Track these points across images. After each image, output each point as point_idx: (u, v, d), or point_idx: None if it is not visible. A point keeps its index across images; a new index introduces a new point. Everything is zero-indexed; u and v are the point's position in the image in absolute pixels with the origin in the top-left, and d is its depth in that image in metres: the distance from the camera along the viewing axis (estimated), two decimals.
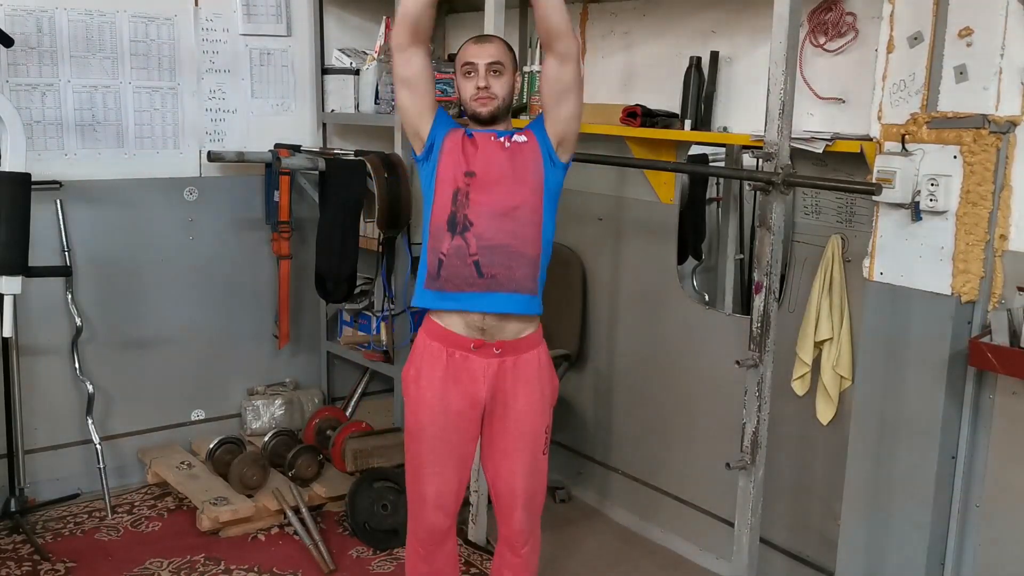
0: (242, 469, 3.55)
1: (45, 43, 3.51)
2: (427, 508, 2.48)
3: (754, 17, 3.01)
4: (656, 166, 3.36)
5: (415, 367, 2.44)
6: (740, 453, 2.38)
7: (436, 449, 2.42)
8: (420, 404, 2.42)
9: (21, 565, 3.19)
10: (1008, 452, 2.27)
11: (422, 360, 2.42)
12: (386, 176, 3.58)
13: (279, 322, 3.99)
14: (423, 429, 2.42)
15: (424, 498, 2.47)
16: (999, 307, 2.22)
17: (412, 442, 2.47)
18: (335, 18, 4.16)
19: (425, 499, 2.47)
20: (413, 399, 2.44)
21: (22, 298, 3.30)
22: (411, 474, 2.49)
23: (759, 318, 2.34)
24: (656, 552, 3.49)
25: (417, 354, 2.44)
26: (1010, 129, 2.17)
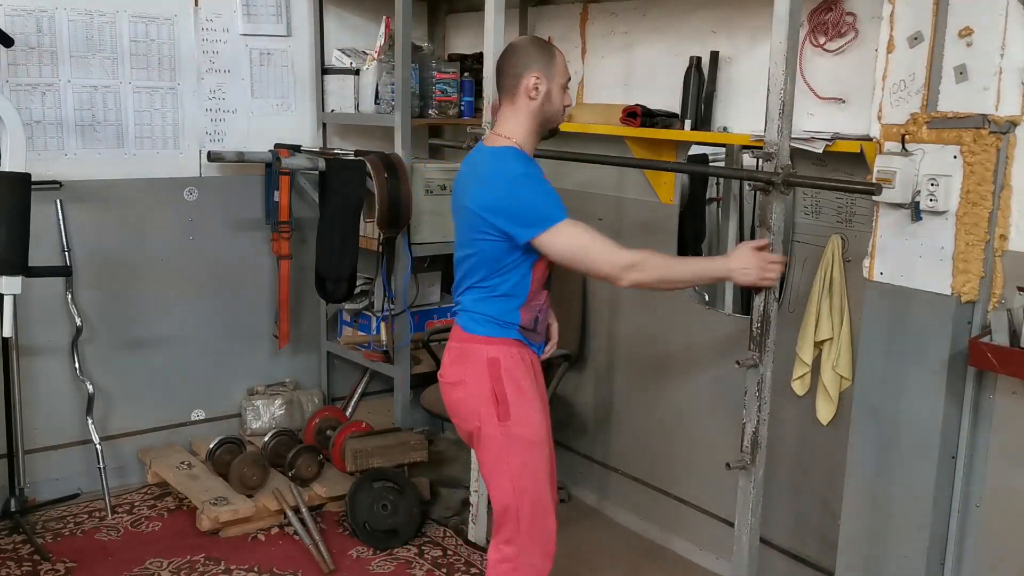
0: (242, 469, 3.55)
1: (45, 43, 3.51)
2: (552, 516, 2.46)
3: (754, 17, 3.01)
4: (656, 166, 3.36)
5: (513, 376, 2.36)
6: (740, 453, 2.38)
7: (549, 454, 2.46)
8: (535, 410, 2.40)
9: (21, 565, 3.19)
10: (1008, 452, 2.27)
11: (517, 367, 2.37)
12: (386, 176, 3.58)
13: (279, 322, 3.99)
14: (545, 435, 2.43)
15: (549, 507, 2.45)
16: (999, 307, 2.22)
17: (536, 451, 2.41)
18: (335, 18, 4.16)
19: (549, 507, 2.45)
20: (527, 407, 2.38)
21: (22, 298, 3.30)
22: (538, 484, 2.42)
23: (759, 318, 2.34)
24: (656, 552, 3.49)
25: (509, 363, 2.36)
26: (1010, 129, 2.17)
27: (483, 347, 2.36)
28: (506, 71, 2.37)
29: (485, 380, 2.35)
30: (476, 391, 2.36)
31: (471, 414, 2.40)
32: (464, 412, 2.42)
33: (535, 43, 2.41)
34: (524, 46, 2.39)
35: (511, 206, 2.24)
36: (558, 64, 2.37)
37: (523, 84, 2.32)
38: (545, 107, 2.35)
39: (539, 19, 3.87)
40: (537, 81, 2.32)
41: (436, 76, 3.92)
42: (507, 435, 2.36)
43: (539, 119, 2.36)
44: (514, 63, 2.35)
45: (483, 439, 2.40)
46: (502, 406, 2.34)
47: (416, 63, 3.82)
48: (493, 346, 2.35)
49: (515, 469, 2.38)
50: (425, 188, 3.82)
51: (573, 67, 3.73)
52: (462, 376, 2.39)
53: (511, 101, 2.36)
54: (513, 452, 2.37)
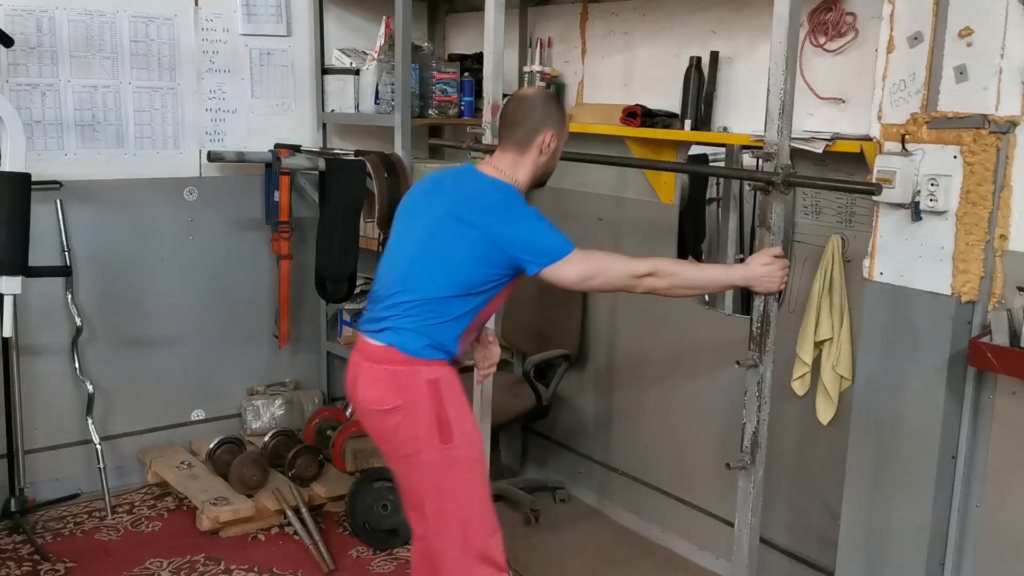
0: (242, 469, 3.55)
1: (45, 43, 3.51)
2: (498, 534, 2.39)
3: (754, 17, 3.01)
4: (656, 166, 3.36)
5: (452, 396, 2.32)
6: (740, 453, 2.37)
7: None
8: (475, 428, 2.38)
9: (21, 565, 3.19)
10: (1008, 452, 2.27)
11: (455, 387, 2.34)
12: (386, 176, 3.58)
13: (279, 322, 3.99)
14: (481, 451, 2.40)
15: (495, 525, 2.39)
16: (999, 307, 2.22)
17: (480, 468, 2.38)
18: (335, 18, 4.16)
19: (496, 526, 2.39)
20: (469, 425, 2.35)
21: (22, 298, 3.30)
22: (484, 504, 2.38)
23: (759, 318, 2.33)
24: (656, 552, 3.49)
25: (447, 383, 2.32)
26: (1010, 129, 2.17)
27: (422, 368, 2.27)
28: (520, 122, 2.35)
29: (426, 402, 2.27)
30: (415, 415, 2.28)
31: (406, 440, 2.31)
32: (399, 438, 2.33)
33: (552, 99, 2.44)
34: (543, 101, 2.38)
35: (532, 239, 2.24)
36: (567, 123, 2.42)
37: (539, 139, 2.34)
38: (549, 162, 2.39)
39: (539, 19, 3.87)
40: (552, 138, 2.35)
41: (436, 76, 3.92)
42: (451, 457, 2.30)
43: (540, 171, 2.40)
44: (532, 116, 2.34)
45: (421, 464, 2.32)
46: (444, 427, 2.27)
47: (416, 63, 3.81)
48: (431, 367, 2.28)
49: (458, 490, 2.33)
50: None
51: (573, 67, 3.74)
52: (398, 401, 2.28)
53: (520, 151, 2.35)
54: (457, 473, 2.31)
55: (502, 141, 2.40)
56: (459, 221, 2.27)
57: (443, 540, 2.36)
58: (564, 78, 3.78)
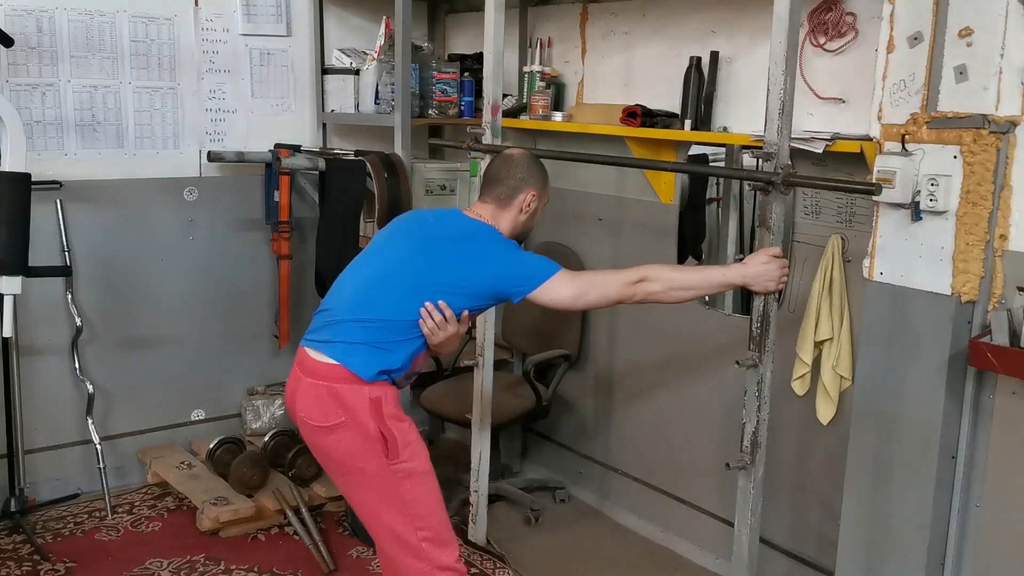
0: (242, 469, 3.55)
1: (45, 43, 3.51)
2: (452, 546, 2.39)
3: (754, 17, 3.01)
4: (656, 166, 3.36)
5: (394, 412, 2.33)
6: (740, 453, 2.37)
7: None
8: (420, 440, 2.39)
9: (21, 565, 3.19)
10: (1008, 452, 2.27)
11: (395, 402, 2.35)
12: (386, 176, 3.58)
13: (279, 322, 3.99)
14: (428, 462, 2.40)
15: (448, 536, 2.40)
16: (999, 307, 2.22)
17: (429, 478, 2.38)
18: (335, 18, 4.16)
19: (448, 537, 2.40)
20: (413, 438, 2.36)
21: (22, 298, 3.30)
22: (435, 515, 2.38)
23: (759, 318, 2.33)
24: (656, 552, 3.49)
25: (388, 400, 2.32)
26: (1010, 129, 2.17)
27: (365, 388, 2.28)
28: (504, 180, 2.44)
29: (369, 420, 2.27)
30: (357, 433, 2.28)
31: (349, 456, 2.32)
32: (341, 455, 2.34)
33: (535, 161, 2.51)
34: (526, 161, 2.48)
35: (513, 269, 2.31)
36: (548, 186, 2.51)
37: (520, 198, 2.43)
38: (528, 222, 2.47)
39: (539, 19, 3.87)
40: (533, 199, 2.44)
41: (436, 76, 3.92)
42: (397, 471, 2.30)
43: (519, 229, 2.46)
44: (516, 175, 2.43)
45: (366, 480, 2.33)
46: (391, 444, 2.29)
47: (416, 63, 3.81)
48: (374, 387, 2.29)
49: (410, 504, 2.33)
50: (425, 188, 3.83)
51: (573, 67, 3.74)
52: (340, 418, 2.28)
53: (501, 207, 2.44)
54: (405, 487, 2.32)
55: (484, 195, 2.48)
56: (440, 250, 2.34)
57: (395, 554, 2.37)
58: (564, 78, 3.79)
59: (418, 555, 2.34)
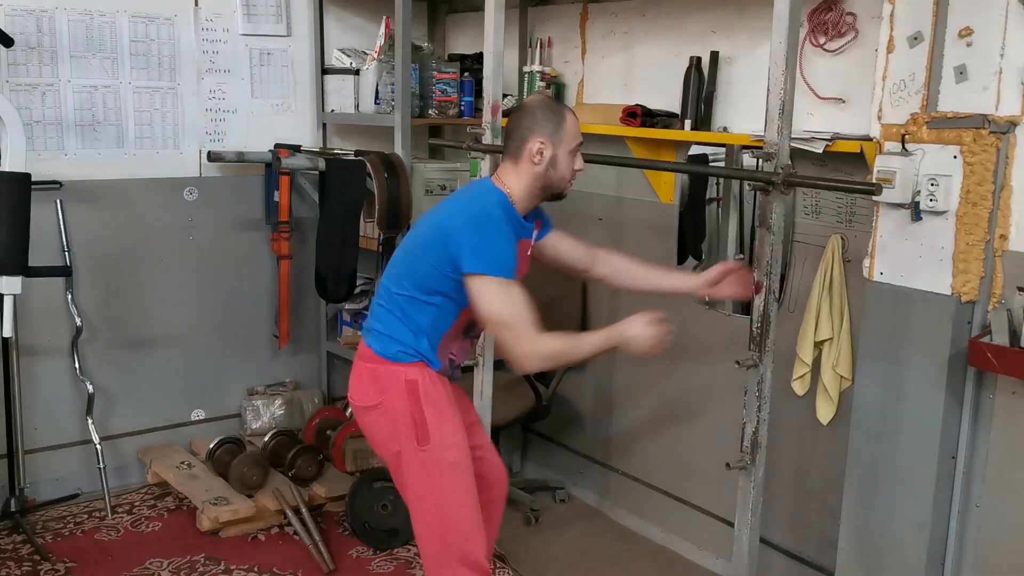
0: (242, 469, 3.55)
1: (45, 43, 3.51)
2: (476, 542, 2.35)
3: (754, 17, 3.01)
4: (656, 166, 3.35)
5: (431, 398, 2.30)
6: (740, 453, 2.37)
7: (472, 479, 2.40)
8: (456, 431, 2.35)
9: (21, 565, 3.19)
10: (1008, 452, 2.27)
11: (435, 389, 2.32)
12: (386, 176, 3.58)
13: (279, 322, 3.99)
14: (467, 459, 2.36)
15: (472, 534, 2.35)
16: (999, 307, 2.22)
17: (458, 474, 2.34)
18: (335, 18, 4.16)
19: (473, 534, 2.35)
20: (448, 429, 2.32)
21: (22, 298, 3.29)
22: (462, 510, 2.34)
23: (759, 318, 2.33)
24: (656, 552, 3.49)
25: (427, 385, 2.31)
26: (1010, 129, 2.17)
27: (400, 368, 2.29)
28: (512, 132, 2.32)
29: (403, 403, 2.29)
30: (393, 414, 2.30)
31: (388, 438, 2.33)
32: (381, 437, 2.36)
33: (546, 105, 2.35)
34: (533, 108, 2.33)
35: (472, 237, 2.19)
36: (568, 129, 2.31)
37: (527, 148, 2.28)
38: (549, 172, 2.31)
39: (539, 19, 3.87)
40: (542, 146, 2.28)
41: (436, 76, 3.92)
42: (427, 459, 2.30)
43: (541, 183, 2.32)
44: (520, 125, 2.30)
45: (402, 463, 2.33)
46: (421, 429, 2.28)
47: (416, 63, 3.81)
48: (410, 368, 2.29)
49: (436, 493, 2.32)
50: (425, 188, 3.83)
51: (573, 67, 3.74)
52: (377, 399, 2.31)
53: (514, 161, 2.31)
54: (433, 476, 2.31)
55: (503, 156, 2.39)
56: (429, 221, 2.32)
57: (423, 540, 2.38)
58: (564, 78, 3.79)
59: (442, 547, 2.34)
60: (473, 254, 2.17)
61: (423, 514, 2.35)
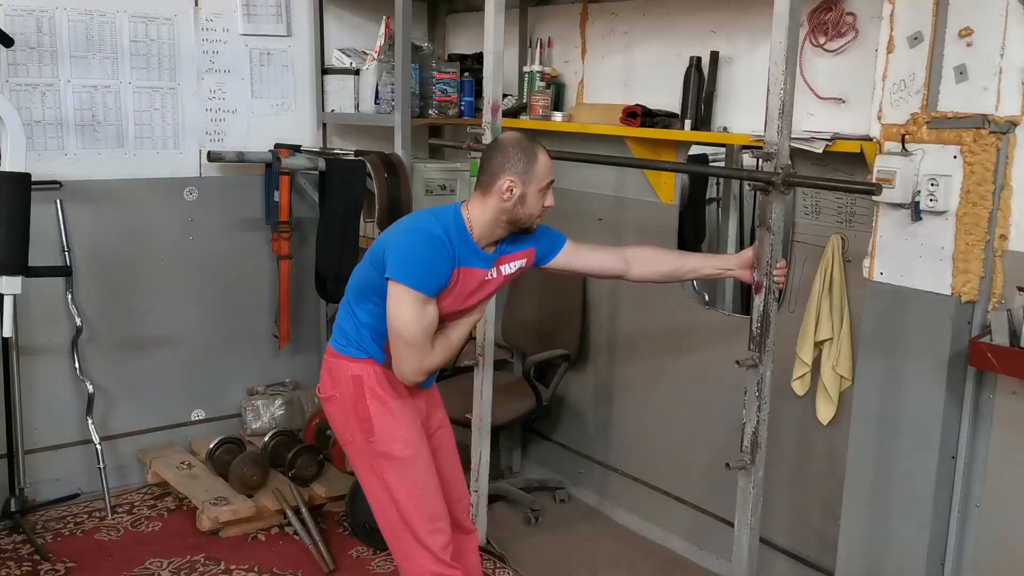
0: (242, 469, 3.55)
1: (45, 43, 3.51)
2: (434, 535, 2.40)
3: (754, 17, 3.01)
4: (656, 166, 3.36)
5: (376, 393, 2.36)
6: (740, 453, 2.37)
7: (430, 465, 2.45)
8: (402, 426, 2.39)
9: (21, 565, 3.19)
10: (1008, 452, 2.27)
11: (380, 385, 2.37)
12: (386, 176, 3.58)
13: (279, 322, 3.99)
14: (415, 451, 2.40)
15: (428, 526, 2.40)
16: (999, 307, 2.22)
17: (407, 467, 2.38)
18: (335, 18, 4.16)
19: (429, 526, 2.41)
20: (393, 423, 2.37)
21: (22, 298, 3.30)
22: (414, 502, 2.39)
23: (759, 318, 2.33)
24: (656, 552, 3.49)
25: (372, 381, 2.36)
26: (1010, 129, 2.17)
27: (348, 364, 2.38)
28: (485, 166, 2.36)
29: (351, 397, 2.37)
30: (344, 407, 2.39)
31: (343, 428, 2.43)
32: (337, 427, 2.46)
33: (520, 145, 2.35)
34: (507, 146, 2.34)
35: (403, 247, 2.25)
36: (539, 169, 2.33)
37: (497, 184, 2.31)
38: (517, 209, 2.33)
39: (539, 19, 3.87)
40: (511, 184, 2.30)
41: (436, 76, 3.92)
42: (374, 451, 2.37)
43: (507, 217, 2.35)
44: (494, 159, 2.33)
45: (354, 454, 2.44)
46: (365, 423, 2.36)
47: (416, 63, 3.81)
48: (357, 364, 2.37)
49: (388, 484, 2.38)
50: (425, 188, 3.82)
51: (573, 67, 3.74)
52: (332, 392, 2.41)
53: (483, 194, 2.35)
54: (383, 468, 2.38)
55: (476, 187, 2.41)
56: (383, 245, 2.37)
57: (384, 531, 2.46)
58: (564, 78, 3.79)
59: (402, 536, 2.41)
60: (398, 262, 2.24)
61: (380, 505, 2.43)
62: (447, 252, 2.27)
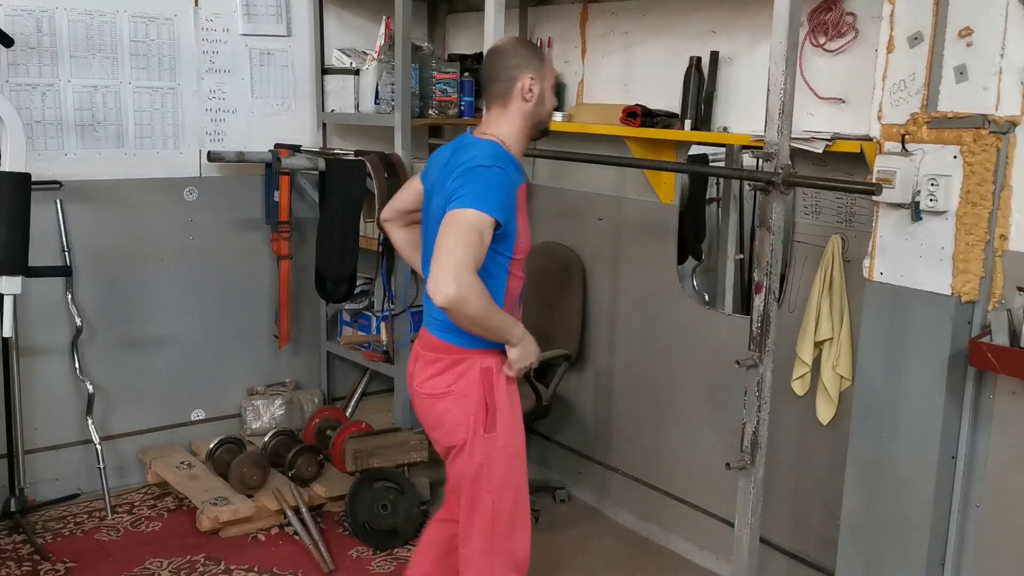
0: (242, 469, 3.55)
1: (45, 43, 3.51)
2: (527, 530, 2.41)
3: (754, 17, 3.01)
4: (656, 166, 3.36)
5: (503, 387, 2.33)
6: (740, 453, 2.37)
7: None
8: (519, 422, 2.39)
9: (21, 565, 3.19)
10: (1008, 452, 2.27)
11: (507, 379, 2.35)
12: (386, 176, 3.58)
13: (279, 322, 3.99)
14: (523, 448, 2.41)
15: (526, 521, 2.41)
16: (999, 307, 2.22)
17: (519, 463, 2.39)
18: (335, 18, 4.16)
19: (526, 522, 2.41)
20: (514, 419, 2.36)
21: (22, 298, 3.30)
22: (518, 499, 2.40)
23: (759, 318, 2.33)
24: (656, 552, 3.49)
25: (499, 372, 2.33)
26: (1010, 129, 2.17)
27: (476, 357, 2.30)
28: (498, 74, 2.30)
29: (477, 390, 2.30)
30: (465, 402, 2.31)
31: (457, 426, 2.33)
32: (450, 424, 2.35)
33: (525, 44, 2.37)
34: (515, 47, 2.34)
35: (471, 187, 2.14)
36: (548, 64, 2.36)
37: (518, 86, 2.28)
38: (538, 108, 2.32)
39: (539, 19, 3.87)
40: (532, 82, 2.29)
41: (436, 76, 3.93)
42: (492, 447, 2.32)
43: (532, 120, 2.32)
44: (507, 65, 2.29)
45: (466, 451, 2.34)
46: (491, 417, 2.30)
47: (416, 63, 3.82)
48: (485, 356, 2.31)
49: (496, 482, 2.35)
50: None
51: (573, 67, 3.75)
52: (450, 387, 2.32)
53: (503, 104, 2.30)
54: (496, 465, 2.34)
55: (487, 100, 2.37)
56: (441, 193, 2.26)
57: (473, 527, 2.39)
58: (564, 78, 3.78)
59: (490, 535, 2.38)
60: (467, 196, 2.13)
61: (478, 503, 2.36)
62: (512, 179, 2.22)
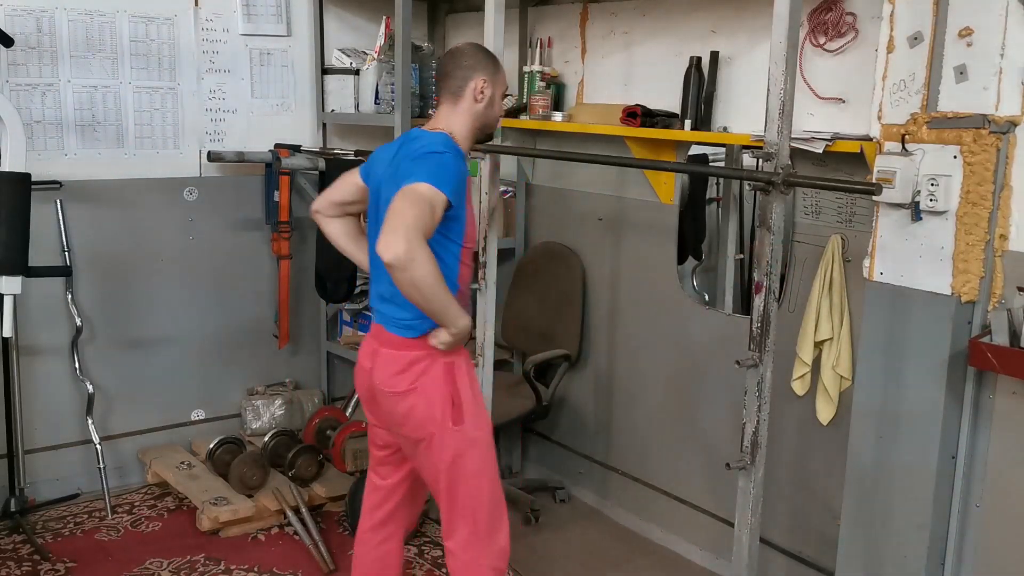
0: (242, 469, 3.55)
1: (45, 43, 3.51)
2: (505, 516, 2.45)
3: (754, 17, 3.01)
4: (656, 166, 3.36)
5: (466, 379, 2.36)
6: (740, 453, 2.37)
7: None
8: (485, 411, 2.43)
9: (21, 565, 3.19)
10: (1008, 452, 2.27)
11: (470, 369, 2.40)
12: None
13: (279, 322, 3.99)
14: (490, 434, 2.43)
15: (503, 507, 2.44)
16: (999, 307, 2.22)
17: (490, 452, 2.41)
18: (335, 18, 4.16)
19: (504, 508, 2.44)
20: (480, 409, 2.40)
21: (22, 298, 3.30)
22: (494, 485, 2.43)
23: (759, 318, 2.33)
24: (656, 552, 3.49)
25: (464, 366, 2.37)
26: (1010, 129, 2.17)
27: (438, 354, 2.31)
28: (453, 72, 2.39)
29: (441, 387, 2.32)
30: (430, 397, 2.32)
31: (423, 421, 2.33)
32: (416, 420, 2.34)
33: (483, 50, 2.48)
34: (473, 51, 2.44)
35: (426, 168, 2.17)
36: (502, 73, 2.45)
37: (471, 86, 2.37)
38: (488, 111, 2.41)
39: (539, 19, 3.87)
40: (485, 84, 2.38)
41: (436, 76, 3.92)
42: (462, 439, 2.34)
43: (480, 121, 2.41)
44: (463, 64, 2.38)
45: (434, 446, 2.34)
46: (456, 409, 2.32)
47: (416, 63, 3.82)
48: (448, 352, 2.32)
49: (470, 471, 2.37)
50: None
51: (573, 67, 3.75)
52: (413, 384, 2.32)
53: (454, 102, 2.38)
54: (468, 455, 2.36)
55: (439, 95, 2.45)
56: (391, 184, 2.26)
57: (455, 519, 2.42)
58: (564, 78, 3.79)
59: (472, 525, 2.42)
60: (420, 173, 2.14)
61: (453, 495, 2.38)
62: (462, 168, 2.28)
